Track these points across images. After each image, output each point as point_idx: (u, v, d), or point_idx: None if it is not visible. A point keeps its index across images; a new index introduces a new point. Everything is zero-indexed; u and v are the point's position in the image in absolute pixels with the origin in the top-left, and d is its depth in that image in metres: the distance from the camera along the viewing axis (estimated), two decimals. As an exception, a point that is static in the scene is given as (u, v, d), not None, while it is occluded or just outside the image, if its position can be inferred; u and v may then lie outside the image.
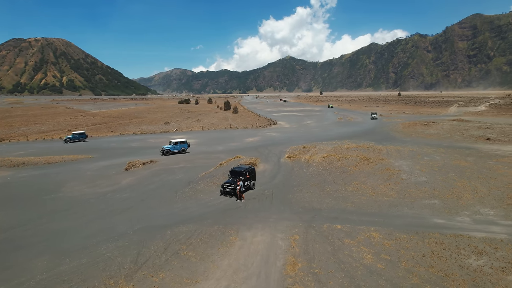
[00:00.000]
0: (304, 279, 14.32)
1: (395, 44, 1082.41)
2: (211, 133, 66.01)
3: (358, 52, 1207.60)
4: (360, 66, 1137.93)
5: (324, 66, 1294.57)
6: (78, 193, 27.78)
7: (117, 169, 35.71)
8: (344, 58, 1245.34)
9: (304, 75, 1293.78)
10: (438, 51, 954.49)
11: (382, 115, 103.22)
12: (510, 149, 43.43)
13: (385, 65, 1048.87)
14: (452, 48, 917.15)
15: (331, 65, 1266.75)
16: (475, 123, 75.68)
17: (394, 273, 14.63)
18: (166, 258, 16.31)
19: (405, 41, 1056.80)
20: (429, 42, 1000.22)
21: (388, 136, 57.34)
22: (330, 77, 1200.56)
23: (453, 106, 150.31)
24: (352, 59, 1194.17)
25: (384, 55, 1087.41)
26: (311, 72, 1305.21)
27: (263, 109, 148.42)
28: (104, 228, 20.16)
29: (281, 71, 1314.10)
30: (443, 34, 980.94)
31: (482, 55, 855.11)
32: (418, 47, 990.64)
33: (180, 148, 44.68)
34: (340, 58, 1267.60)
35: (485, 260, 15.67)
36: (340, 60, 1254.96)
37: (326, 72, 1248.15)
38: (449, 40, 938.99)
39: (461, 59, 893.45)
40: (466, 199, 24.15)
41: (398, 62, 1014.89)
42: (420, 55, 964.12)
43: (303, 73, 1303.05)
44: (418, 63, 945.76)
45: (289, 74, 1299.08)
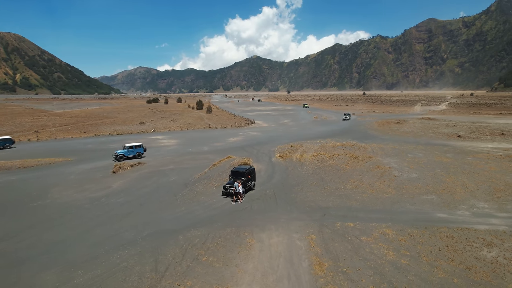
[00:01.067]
0: (335, 279, 14.30)
1: (358, 45, 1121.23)
2: (190, 133, 64.62)
3: (323, 52, 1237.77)
4: (325, 66, 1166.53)
5: (290, 66, 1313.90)
6: (67, 198, 26.03)
7: (104, 172, 33.90)
8: (310, 58, 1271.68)
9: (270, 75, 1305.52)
10: (398, 52, 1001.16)
11: (355, 114, 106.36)
12: (481, 146, 46.27)
13: (349, 65, 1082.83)
14: (410, 50, 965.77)
15: (297, 65, 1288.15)
16: (441, 121, 79.93)
17: (419, 268, 15.01)
18: (187, 264, 15.64)
19: (367, 42, 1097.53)
20: (390, 43, 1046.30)
21: (367, 134, 59.11)
22: (296, 77, 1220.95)
23: (417, 105, 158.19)
24: (317, 59, 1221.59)
25: (348, 55, 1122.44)
26: (277, 71, 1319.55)
27: (236, 108, 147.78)
28: (109, 236, 18.99)
29: (248, 70, 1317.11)
30: (402, 37, 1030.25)
31: (437, 57, 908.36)
32: (379, 48, 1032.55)
33: (135, 153, 41.01)
34: (305, 58, 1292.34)
35: (496, 252, 16.49)
36: (305, 60, 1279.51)
37: (292, 71, 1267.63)
38: (407, 42, 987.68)
39: (419, 60, 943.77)
40: (460, 194, 25.37)
41: (361, 63, 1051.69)
42: (381, 56, 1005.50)
43: (270, 72, 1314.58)
44: (380, 63, 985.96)
45: (256, 74, 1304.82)
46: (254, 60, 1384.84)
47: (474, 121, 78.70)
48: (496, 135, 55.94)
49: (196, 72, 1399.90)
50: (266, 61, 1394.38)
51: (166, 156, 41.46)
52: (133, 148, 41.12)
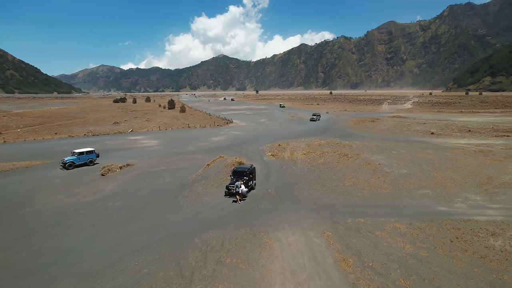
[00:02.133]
0: (364, 274, 14.57)
1: (323, 46, 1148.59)
2: (170, 133, 62.99)
3: (290, 52, 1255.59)
4: (292, 66, 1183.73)
5: (257, 65, 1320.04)
6: (59, 204, 24.44)
7: (91, 175, 32.20)
8: (276, 57, 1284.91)
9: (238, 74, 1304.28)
10: (361, 53, 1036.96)
11: (329, 112, 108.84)
12: (454, 142, 49.10)
13: (315, 65, 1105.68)
14: (373, 51, 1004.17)
15: (264, 64, 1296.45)
16: (412, 119, 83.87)
17: (440, 259, 15.65)
18: (212, 267, 15.25)
19: (332, 43, 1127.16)
20: (353, 44, 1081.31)
21: (346, 132, 60.67)
22: (264, 76, 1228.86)
23: (384, 104, 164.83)
24: (284, 59, 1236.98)
25: (313, 55, 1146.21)
26: (244, 71, 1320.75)
27: (208, 108, 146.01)
28: (118, 242, 18.08)
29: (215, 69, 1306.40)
30: (365, 38, 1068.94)
31: (397, 58, 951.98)
32: (343, 48, 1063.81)
33: (87, 160, 36.76)
34: (272, 58, 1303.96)
35: (502, 241, 17.58)
36: (272, 59, 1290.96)
37: (259, 71, 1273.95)
38: (370, 43, 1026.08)
39: (381, 61, 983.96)
40: (451, 188, 26.75)
41: (326, 63, 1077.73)
42: (345, 56, 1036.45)
43: (237, 71, 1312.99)
44: (344, 63, 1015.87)
45: (223, 73, 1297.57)
46: (221, 59, 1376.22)
47: (440, 119, 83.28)
48: (464, 132, 59.56)
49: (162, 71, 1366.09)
50: (233, 60, 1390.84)
51: (153, 157, 40.13)
52: (84, 155, 36.67)
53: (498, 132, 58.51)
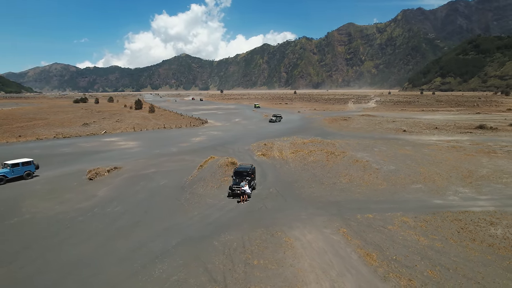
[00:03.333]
0: (391, 267, 15.11)
1: (286, 46, 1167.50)
2: (147, 134, 60.92)
3: (252, 52, 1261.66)
4: (255, 66, 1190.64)
5: (221, 64, 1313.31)
6: (50, 212, 22.80)
7: (77, 179, 30.33)
8: (239, 57, 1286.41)
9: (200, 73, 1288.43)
10: (322, 53, 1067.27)
11: (300, 112, 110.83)
12: (427, 138, 52.09)
13: (277, 65, 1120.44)
14: (333, 52, 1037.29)
15: (227, 64, 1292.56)
16: (380, 117, 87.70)
17: (454, 249, 16.61)
18: (242, 270, 15.06)
19: (294, 43, 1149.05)
20: (315, 45, 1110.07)
21: (324, 131, 62.14)
22: (227, 76, 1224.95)
23: (349, 103, 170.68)
24: (247, 59, 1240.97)
25: (276, 55, 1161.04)
26: (207, 70, 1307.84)
27: (177, 108, 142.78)
28: (133, 249, 17.25)
29: (177, 68, 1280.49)
30: (326, 39, 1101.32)
31: (356, 59, 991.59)
32: (305, 49, 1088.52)
33: (23, 172, 31.00)
34: (235, 57, 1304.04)
35: (501, 229, 19.00)
36: (235, 59, 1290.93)
37: (222, 70, 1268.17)
38: (330, 44, 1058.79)
39: (341, 61, 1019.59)
40: (440, 182, 28.41)
41: (289, 63, 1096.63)
42: (307, 57, 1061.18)
43: (200, 71, 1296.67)
44: (306, 64, 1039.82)
45: (185, 72, 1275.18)
46: (183, 58, 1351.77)
47: (407, 117, 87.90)
48: (432, 129, 63.34)
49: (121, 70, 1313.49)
50: (196, 59, 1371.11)
51: (138, 159, 38.61)
52: (20, 166, 30.80)
53: (461, 129, 62.84)
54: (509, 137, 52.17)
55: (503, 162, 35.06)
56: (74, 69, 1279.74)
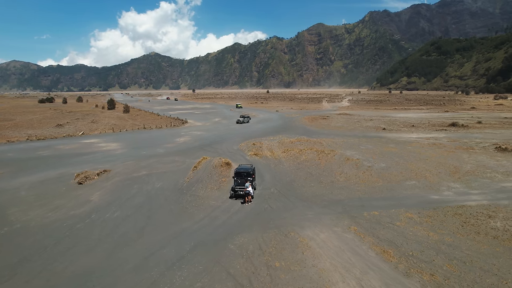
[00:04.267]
0: (411, 262, 15.47)
1: (257, 45, 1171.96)
2: (127, 135, 58.81)
3: (224, 51, 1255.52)
4: (226, 65, 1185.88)
5: (191, 63, 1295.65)
6: (45, 220, 21.37)
7: (65, 184, 28.66)
8: (210, 56, 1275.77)
9: (171, 72, 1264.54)
10: (293, 53, 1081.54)
11: (278, 111, 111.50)
12: (407, 136, 54.00)
13: (249, 64, 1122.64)
14: (303, 51, 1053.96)
15: (197, 63, 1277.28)
16: (357, 116, 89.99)
17: (464, 243, 17.29)
18: (266, 273, 14.84)
19: (265, 43, 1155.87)
20: (285, 44, 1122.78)
21: (307, 130, 62.80)
22: (198, 75, 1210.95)
23: (323, 102, 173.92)
24: (218, 58, 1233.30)
25: (247, 54, 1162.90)
26: (178, 69, 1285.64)
27: (151, 107, 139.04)
28: (146, 256, 16.51)
29: (146, 67, 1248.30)
30: (296, 39, 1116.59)
31: (326, 58, 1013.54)
32: (276, 48, 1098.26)
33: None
34: (206, 56, 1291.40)
35: (500, 222, 20.00)
36: (206, 58, 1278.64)
37: (193, 69, 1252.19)
38: (301, 44, 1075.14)
39: (311, 61, 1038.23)
40: (431, 178, 29.50)
41: (260, 62, 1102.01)
42: (278, 56, 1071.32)
43: (170, 70, 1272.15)
44: (277, 63, 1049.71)
45: (155, 71, 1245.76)
46: (153, 57, 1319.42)
47: (382, 116, 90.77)
48: (409, 127, 65.79)
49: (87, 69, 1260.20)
50: (166, 58, 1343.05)
51: (125, 161, 37.14)
52: None
53: (435, 126, 65.72)
54: (480, 134, 55.11)
55: (482, 157, 36.96)
56: (35, 67, 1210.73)
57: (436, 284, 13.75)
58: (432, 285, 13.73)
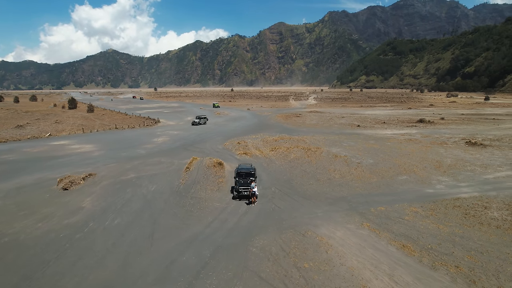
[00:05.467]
0: (432, 255, 15.95)
1: (219, 43, 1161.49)
2: (100, 136, 55.51)
3: (185, 48, 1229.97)
4: (187, 63, 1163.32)
5: (151, 61, 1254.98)
6: (35, 231, 19.37)
7: (47, 190, 26.27)
8: (171, 54, 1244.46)
9: (130, 70, 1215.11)
10: (255, 51, 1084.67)
11: (250, 109, 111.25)
12: (382, 132, 56.08)
13: (211, 62, 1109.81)
14: (265, 50, 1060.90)
15: (158, 60, 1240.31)
16: (328, 113, 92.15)
17: (473, 234, 18.16)
18: (298, 275, 14.56)
19: (227, 41, 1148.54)
20: (247, 43, 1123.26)
21: (285, 128, 63.14)
22: (158, 73, 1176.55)
23: (290, 100, 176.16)
24: (179, 55, 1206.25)
25: (209, 53, 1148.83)
26: (137, 67, 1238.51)
27: (116, 106, 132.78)
28: (165, 265, 15.51)
29: (104, 65, 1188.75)
30: (258, 37, 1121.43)
31: (288, 57, 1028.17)
32: (238, 47, 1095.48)
33: None
34: (167, 54, 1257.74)
35: (496, 212, 21.27)
36: (167, 56, 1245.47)
37: (153, 67, 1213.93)
38: (263, 43, 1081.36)
39: (273, 59, 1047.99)
40: (420, 172, 30.78)
41: (222, 60, 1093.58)
42: (240, 54, 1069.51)
43: (129, 68, 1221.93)
44: (240, 61, 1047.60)
45: (113, 69, 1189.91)
46: (110, 54, 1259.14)
47: (352, 113, 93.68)
48: (381, 123, 68.42)
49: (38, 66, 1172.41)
50: (124, 55, 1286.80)
51: (107, 164, 34.95)
52: None
53: (405, 123, 68.92)
54: (447, 129, 58.63)
55: (457, 152, 39.24)
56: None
57: (463, 276, 14.26)
58: (460, 276, 14.21)
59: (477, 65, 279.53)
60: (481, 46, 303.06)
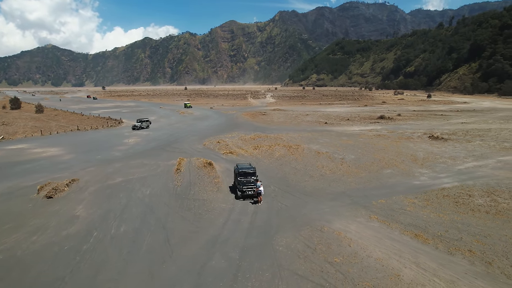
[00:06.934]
0: (444, 241, 17.28)
1: (169, 40, 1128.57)
2: (63, 138, 51.31)
3: (133, 45, 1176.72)
4: (136, 60, 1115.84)
5: (97, 58, 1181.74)
6: (32, 245, 17.49)
7: (27, 199, 23.81)
8: (118, 51, 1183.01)
9: (73, 68, 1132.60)
10: (206, 49, 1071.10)
11: (213, 108, 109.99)
12: (350, 129, 58.79)
13: (161, 60, 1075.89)
14: (217, 48, 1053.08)
15: (104, 58, 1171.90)
16: (291, 111, 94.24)
17: (472, 220, 19.95)
18: (334, 269, 14.92)
19: (177, 38, 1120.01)
20: (199, 40, 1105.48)
21: (256, 126, 63.44)
22: (105, 71, 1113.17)
23: (249, 98, 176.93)
24: (127, 53, 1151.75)
25: (159, 50, 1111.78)
26: (81, 64, 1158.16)
27: (67, 106, 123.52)
28: (197, 271, 14.94)
29: (42, 61, 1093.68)
30: (209, 35, 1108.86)
31: (240, 55, 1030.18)
32: (189, 44, 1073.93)
33: None
34: (114, 51, 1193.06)
35: (480, 198, 23.51)
36: (114, 53, 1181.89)
37: (99, 65, 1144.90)
38: (214, 41, 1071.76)
39: (225, 58, 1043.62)
40: (401, 166, 32.88)
41: (173, 58, 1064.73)
42: (192, 52, 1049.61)
43: (72, 65, 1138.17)
44: (191, 59, 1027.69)
45: (53, 66, 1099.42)
46: (50, 49, 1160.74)
47: (314, 111, 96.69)
48: (345, 120, 71.58)
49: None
50: (66, 51, 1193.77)
51: (85, 168, 32.54)
52: None
53: (367, 119, 72.78)
54: (407, 125, 63.08)
55: (425, 145, 42.43)
56: None
57: (479, 258, 15.63)
58: (476, 259, 15.56)
59: (416, 65, 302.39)
60: (419, 48, 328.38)
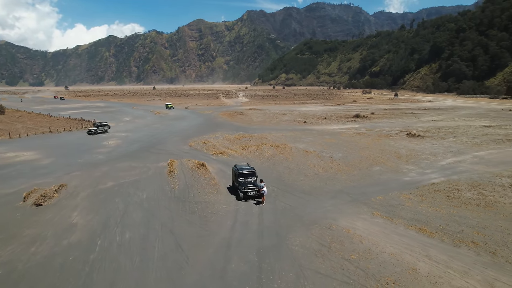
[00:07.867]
0: (449, 235, 18.17)
1: (135, 39, 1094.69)
2: (36, 141, 48.14)
3: (97, 43, 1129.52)
4: (100, 59, 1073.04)
5: (57, 56, 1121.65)
6: (36, 257, 16.16)
7: (13, 208, 22.13)
8: (81, 49, 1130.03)
9: (30, 66, 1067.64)
10: (174, 48, 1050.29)
11: (188, 108, 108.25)
12: (330, 128, 60.21)
13: (127, 59, 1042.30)
14: (185, 47, 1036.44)
15: (65, 56, 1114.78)
16: (268, 111, 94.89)
17: (467, 213, 21.16)
18: (354, 266, 15.21)
19: (143, 37, 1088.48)
20: (166, 39, 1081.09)
21: (237, 126, 63.20)
22: (66, 70, 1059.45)
23: (221, 97, 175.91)
24: (90, 51, 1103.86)
25: (125, 48, 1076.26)
26: (39, 63, 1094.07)
27: (30, 107, 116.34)
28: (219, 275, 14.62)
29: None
30: (177, 34, 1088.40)
31: (208, 55, 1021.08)
32: (156, 43, 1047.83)
33: None
34: (76, 49, 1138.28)
35: (468, 192, 24.99)
36: (76, 51, 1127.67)
37: (60, 63, 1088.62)
38: (182, 39, 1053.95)
39: (193, 57, 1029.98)
40: (388, 163, 34.15)
41: (139, 57, 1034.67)
42: (159, 51, 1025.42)
43: (29, 63, 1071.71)
44: (158, 58, 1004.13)
45: (7, 64, 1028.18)
46: (3, 46, 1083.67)
47: (290, 110, 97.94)
48: (323, 119, 73.13)
49: None
50: (22, 48, 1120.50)
51: (69, 172, 30.80)
52: None
53: (343, 118, 74.79)
54: (382, 123, 65.50)
55: (405, 143, 44.30)
56: None
57: (483, 249, 16.59)
58: (481, 250, 16.51)
59: (381, 65, 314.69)
60: (384, 48, 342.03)
